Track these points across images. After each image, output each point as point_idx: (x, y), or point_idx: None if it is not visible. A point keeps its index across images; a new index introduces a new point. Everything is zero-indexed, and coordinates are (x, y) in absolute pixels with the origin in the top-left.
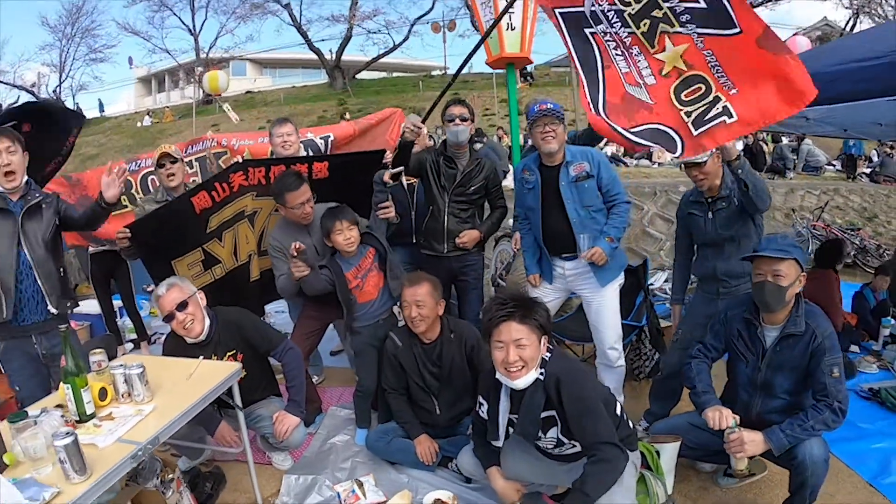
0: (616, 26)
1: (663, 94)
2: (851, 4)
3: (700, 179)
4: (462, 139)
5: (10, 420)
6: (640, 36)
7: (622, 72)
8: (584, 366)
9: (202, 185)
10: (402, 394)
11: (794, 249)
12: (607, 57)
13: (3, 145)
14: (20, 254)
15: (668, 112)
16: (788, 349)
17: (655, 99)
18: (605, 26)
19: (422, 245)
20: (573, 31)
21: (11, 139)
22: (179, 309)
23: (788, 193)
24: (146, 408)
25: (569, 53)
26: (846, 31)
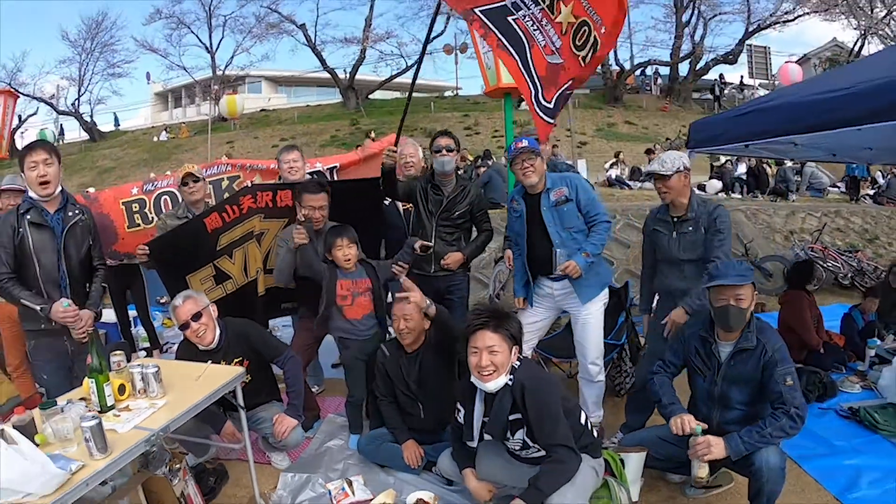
0: (531, 7)
1: (567, 49)
2: (859, 25)
3: (663, 192)
4: (448, 169)
5: (42, 407)
6: (546, 8)
7: (541, 45)
8: (551, 376)
9: (214, 208)
10: (392, 401)
11: (750, 273)
12: (529, 37)
13: (40, 157)
14: (60, 266)
15: (573, 63)
16: (742, 363)
17: (564, 57)
18: (524, 11)
19: (413, 266)
20: (499, 25)
21: (48, 152)
22: (194, 319)
23: (789, 216)
24: (159, 402)
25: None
26: (854, 51)
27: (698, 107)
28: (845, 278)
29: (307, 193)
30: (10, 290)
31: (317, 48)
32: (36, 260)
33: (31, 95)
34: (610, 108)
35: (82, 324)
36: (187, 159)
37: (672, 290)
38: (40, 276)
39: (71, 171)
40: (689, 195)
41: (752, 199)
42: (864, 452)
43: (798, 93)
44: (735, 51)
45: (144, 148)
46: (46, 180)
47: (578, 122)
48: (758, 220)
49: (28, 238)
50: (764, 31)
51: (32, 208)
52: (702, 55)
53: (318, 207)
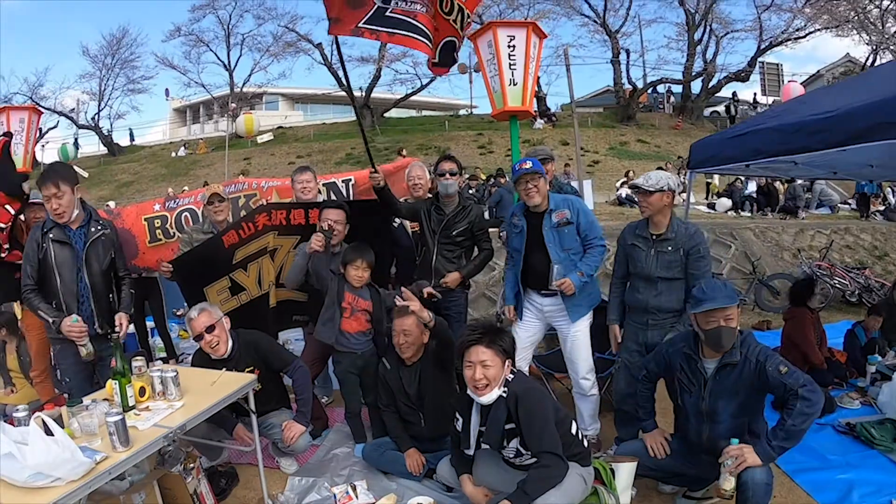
0: None
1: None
2: (871, 41)
3: (643, 206)
4: (451, 191)
5: (69, 405)
6: None
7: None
8: (542, 388)
9: (231, 225)
10: (394, 411)
11: (734, 293)
12: (409, 13)
13: (50, 192)
14: (81, 279)
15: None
16: (726, 377)
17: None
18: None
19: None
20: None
21: (56, 185)
22: (208, 331)
23: (798, 233)
24: (177, 404)
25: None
26: (866, 66)
27: (711, 125)
28: (853, 295)
29: (327, 209)
30: (32, 300)
31: (332, 67)
32: (57, 274)
33: (52, 109)
34: (622, 127)
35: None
36: (204, 175)
37: (644, 305)
38: (60, 289)
39: (90, 183)
40: (670, 216)
41: (762, 217)
42: (858, 467)
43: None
44: (747, 68)
45: (163, 163)
46: (59, 213)
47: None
48: (766, 238)
49: (50, 254)
50: (776, 49)
51: (55, 226)
52: (714, 73)
53: (335, 221)
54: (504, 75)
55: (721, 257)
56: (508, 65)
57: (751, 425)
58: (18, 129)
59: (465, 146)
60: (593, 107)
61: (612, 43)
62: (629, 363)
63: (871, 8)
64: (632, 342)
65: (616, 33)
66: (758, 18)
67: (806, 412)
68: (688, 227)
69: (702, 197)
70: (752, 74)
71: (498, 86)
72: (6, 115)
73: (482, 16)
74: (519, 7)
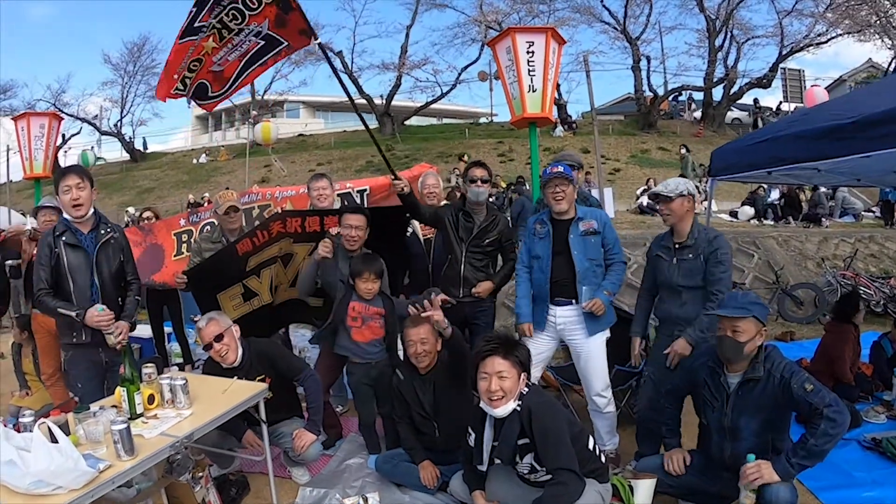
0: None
1: None
2: (893, 45)
3: (665, 214)
4: (481, 199)
5: (76, 411)
6: None
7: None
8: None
9: (245, 234)
10: (408, 422)
11: (753, 307)
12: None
13: (73, 182)
14: (93, 283)
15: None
16: (749, 392)
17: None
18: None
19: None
20: None
21: (80, 176)
22: (216, 340)
23: (822, 242)
24: (185, 412)
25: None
26: (889, 71)
27: (733, 132)
28: (878, 305)
29: (347, 213)
30: (48, 302)
31: (353, 75)
32: (70, 278)
33: (75, 116)
34: (643, 135)
35: (118, 330)
36: (225, 182)
37: (671, 316)
38: (74, 292)
39: (111, 189)
40: (692, 222)
41: (785, 226)
42: (884, 484)
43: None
44: (769, 75)
45: (184, 170)
46: (79, 203)
47: (611, 148)
48: (790, 247)
49: (63, 257)
50: (798, 54)
51: (67, 230)
52: (735, 79)
53: (354, 226)
54: (523, 81)
55: (744, 267)
56: (527, 71)
57: (775, 442)
58: (39, 135)
59: (485, 154)
60: (614, 114)
61: (632, 50)
62: (655, 377)
63: (893, 12)
64: (663, 357)
65: (636, 40)
66: (779, 24)
67: (830, 433)
68: (708, 231)
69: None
70: (773, 80)
71: (517, 92)
72: (27, 121)
73: (501, 23)
74: (539, 14)
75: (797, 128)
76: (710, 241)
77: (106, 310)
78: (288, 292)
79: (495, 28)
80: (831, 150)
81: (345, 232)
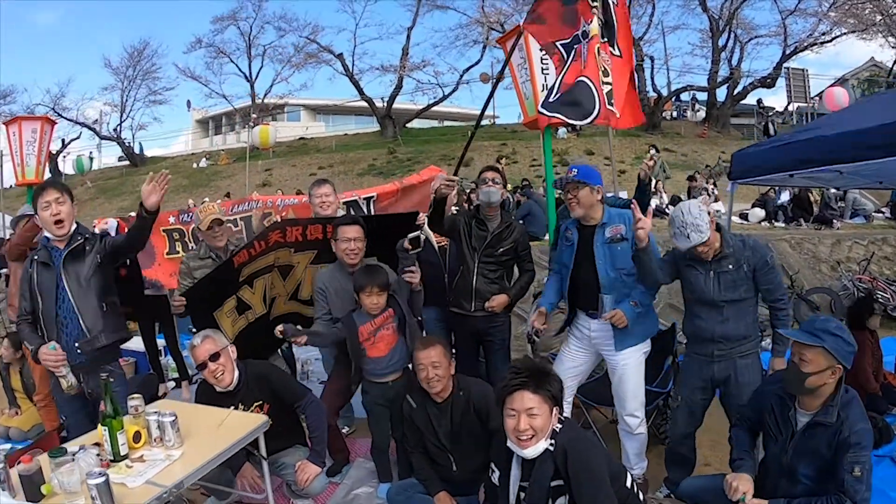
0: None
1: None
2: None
3: (705, 253)
4: (494, 200)
5: (51, 455)
6: None
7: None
8: (594, 439)
9: (244, 245)
10: (422, 451)
11: (826, 337)
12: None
13: (52, 197)
14: (64, 299)
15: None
16: (815, 437)
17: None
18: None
19: (451, 303)
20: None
21: (60, 191)
22: (212, 359)
23: (835, 244)
24: (175, 453)
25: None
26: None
27: (737, 132)
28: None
29: (342, 225)
30: (21, 331)
31: (354, 77)
32: (40, 299)
33: (74, 120)
34: (648, 136)
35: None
36: (226, 186)
37: (711, 335)
38: (42, 314)
39: (111, 195)
40: (721, 233)
41: (796, 228)
42: None
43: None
44: (773, 74)
45: (184, 174)
46: (60, 218)
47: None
48: (803, 250)
49: (34, 278)
50: (801, 54)
51: (43, 249)
52: (739, 79)
53: (352, 238)
54: (536, 81)
55: None
56: (541, 70)
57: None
58: (31, 140)
59: (488, 157)
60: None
61: (635, 50)
62: (690, 401)
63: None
64: (695, 378)
65: (639, 40)
66: (782, 23)
67: None
68: (743, 239)
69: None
70: (777, 80)
71: (529, 92)
72: (18, 126)
73: (504, 24)
74: None
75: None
76: (753, 249)
77: (58, 349)
78: (288, 305)
79: (497, 29)
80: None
81: (343, 246)
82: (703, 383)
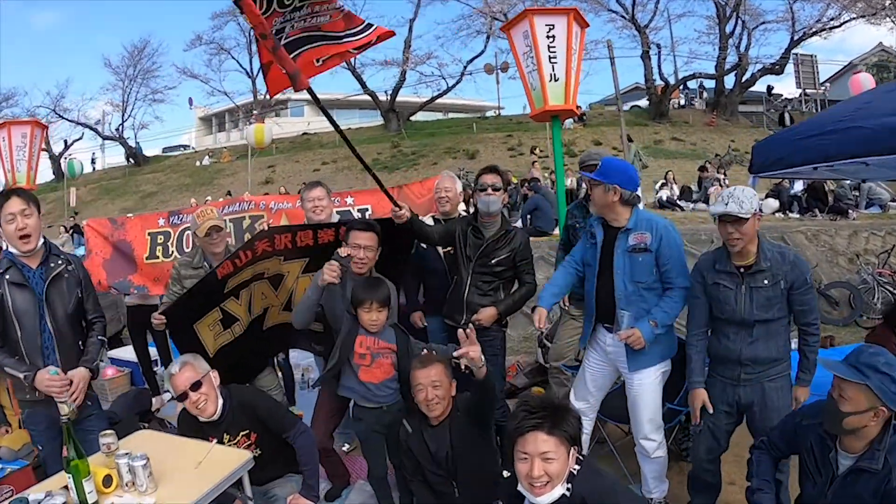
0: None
1: None
2: None
3: (735, 239)
4: (493, 209)
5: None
6: None
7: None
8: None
9: (227, 256)
10: (422, 480)
11: (872, 374)
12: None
13: (17, 208)
14: (45, 327)
15: None
16: (858, 484)
17: None
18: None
19: (445, 314)
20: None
21: (26, 201)
22: (193, 389)
23: (852, 236)
24: (147, 501)
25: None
26: None
27: (746, 120)
28: None
29: (354, 230)
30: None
31: (356, 70)
32: (17, 324)
33: (76, 121)
34: (655, 125)
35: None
36: (228, 184)
37: (737, 356)
38: (22, 341)
39: (114, 195)
40: (758, 240)
41: (812, 219)
42: None
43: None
44: (781, 61)
45: (187, 172)
46: (26, 233)
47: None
48: (819, 242)
49: (7, 299)
50: (808, 40)
51: (12, 266)
52: (747, 66)
53: (364, 246)
54: (544, 70)
55: None
56: (548, 58)
57: None
58: (21, 145)
59: (494, 148)
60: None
61: (641, 38)
62: (713, 426)
63: None
64: (719, 402)
65: (645, 28)
66: (789, 8)
67: None
68: (783, 251)
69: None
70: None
71: (537, 82)
72: (7, 131)
73: (507, 14)
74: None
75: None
76: (794, 264)
77: (60, 373)
78: (282, 316)
79: (501, 19)
80: None
81: (353, 253)
82: (727, 408)
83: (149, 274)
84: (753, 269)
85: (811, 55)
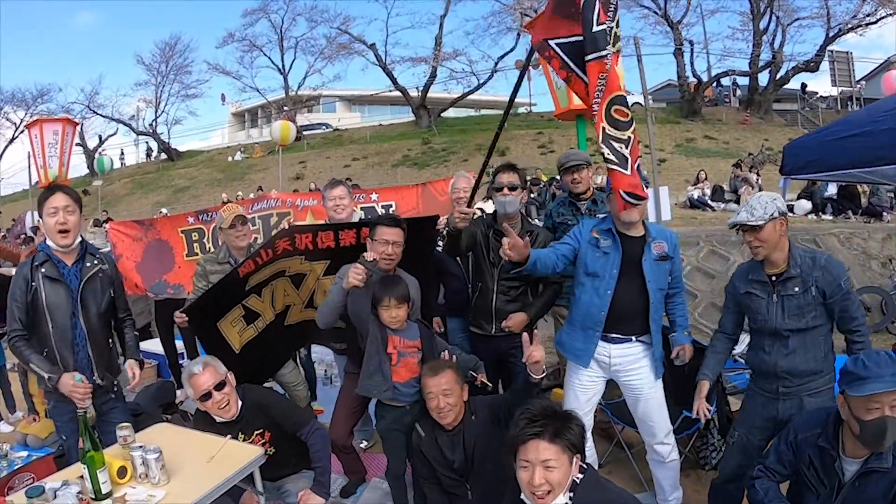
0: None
1: None
2: None
3: (755, 247)
4: (510, 210)
5: (28, 494)
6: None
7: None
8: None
9: (249, 255)
10: (435, 483)
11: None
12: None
13: (61, 203)
14: (77, 324)
15: None
16: (868, 487)
17: None
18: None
19: (471, 322)
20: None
21: (70, 198)
22: (217, 389)
23: (885, 239)
24: (158, 493)
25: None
26: None
27: (780, 118)
28: None
29: (381, 226)
30: (21, 349)
31: (387, 67)
32: (49, 318)
33: (110, 117)
34: (688, 123)
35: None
36: (259, 179)
37: (773, 369)
38: (53, 335)
39: (147, 189)
40: (788, 246)
41: (845, 221)
42: None
43: None
44: (816, 58)
45: (219, 168)
46: (66, 228)
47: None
48: (852, 245)
49: (41, 293)
50: (844, 36)
51: (48, 261)
52: (782, 63)
53: (392, 242)
54: None
55: None
56: None
57: None
58: (52, 142)
59: (524, 146)
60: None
61: (674, 34)
62: (747, 441)
63: None
64: (757, 416)
65: (678, 24)
66: (825, 4)
67: None
68: (815, 256)
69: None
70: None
71: (562, 82)
72: (39, 128)
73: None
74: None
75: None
76: (824, 268)
77: (84, 381)
78: (304, 313)
79: (531, 15)
80: None
81: (380, 249)
82: (763, 423)
83: (187, 271)
84: (784, 276)
85: (847, 52)
